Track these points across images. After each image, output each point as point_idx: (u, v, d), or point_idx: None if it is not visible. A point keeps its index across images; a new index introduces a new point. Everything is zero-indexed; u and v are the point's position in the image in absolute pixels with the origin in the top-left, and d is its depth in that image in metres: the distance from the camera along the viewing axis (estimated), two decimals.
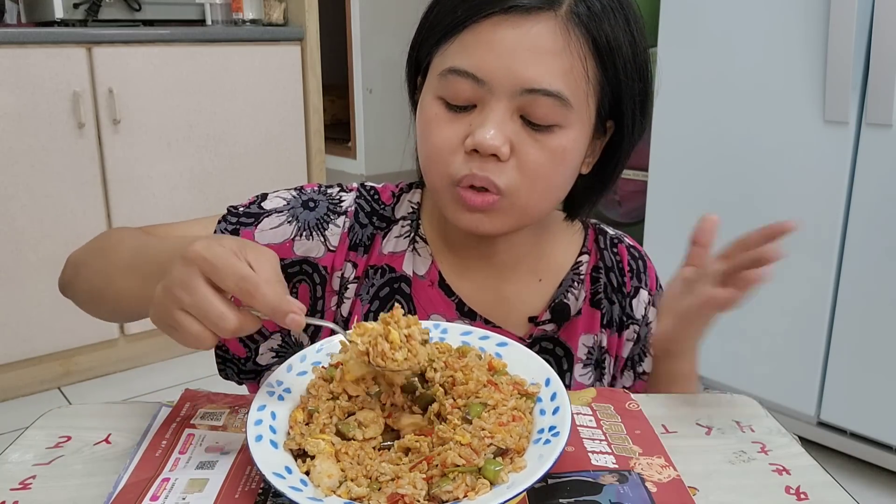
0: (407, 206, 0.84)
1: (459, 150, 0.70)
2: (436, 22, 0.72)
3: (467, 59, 0.69)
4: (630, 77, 0.72)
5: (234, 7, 2.56)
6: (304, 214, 0.80)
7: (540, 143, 0.70)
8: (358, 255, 0.81)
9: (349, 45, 4.55)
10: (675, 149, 2.07)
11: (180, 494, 0.53)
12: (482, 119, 0.69)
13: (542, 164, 0.70)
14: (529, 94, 0.68)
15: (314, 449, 0.54)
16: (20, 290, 2.19)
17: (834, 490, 0.59)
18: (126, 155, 2.30)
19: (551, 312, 0.83)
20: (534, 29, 0.67)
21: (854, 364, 1.84)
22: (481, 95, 0.69)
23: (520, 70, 0.67)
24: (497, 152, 0.68)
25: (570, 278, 0.85)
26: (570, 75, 0.68)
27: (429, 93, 0.73)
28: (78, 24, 2.28)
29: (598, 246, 0.87)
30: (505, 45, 0.67)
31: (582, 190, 0.80)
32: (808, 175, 1.83)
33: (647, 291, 0.88)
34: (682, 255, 0.75)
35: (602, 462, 0.58)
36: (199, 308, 0.54)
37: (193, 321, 0.55)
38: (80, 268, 0.77)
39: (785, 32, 1.81)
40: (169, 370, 2.45)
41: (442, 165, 0.72)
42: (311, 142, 2.69)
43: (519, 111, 0.69)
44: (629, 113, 0.74)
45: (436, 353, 0.63)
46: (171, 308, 0.55)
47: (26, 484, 0.57)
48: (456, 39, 0.70)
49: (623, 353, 0.87)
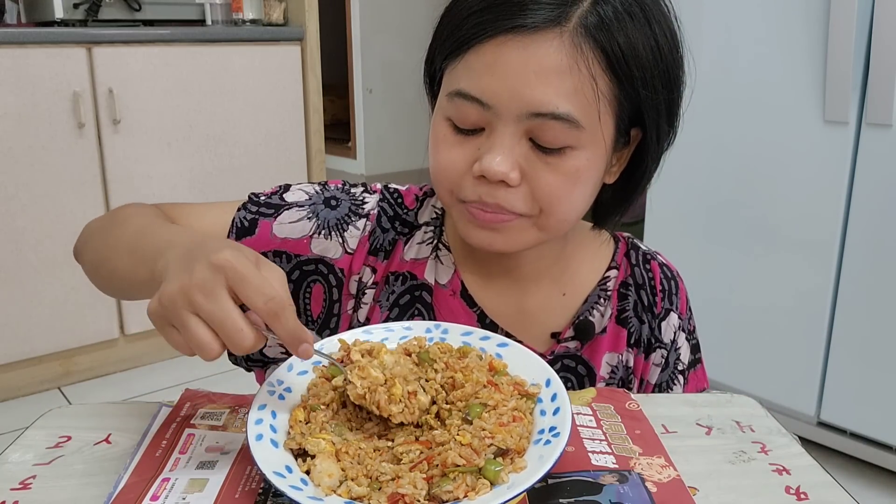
0: (430, 211, 0.82)
1: (468, 174, 0.68)
2: (444, 36, 0.70)
3: (472, 83, 0.66)
4: (651, 87, 0.67)
5: (234, 7, 2.56)
6: (324, 212, 0.79)
7: (552, 167, 0.67)
8: (378, 260, 0.79)
9: (349, 45, 4.55)
10: (675, 148, 2.06)
11: (180, 494, 0.53)
12: (490, 145, 0.67)
13: (556, 187, 0.67)
14: (537, 118, 0.65)
15: (314, 448, 0.54)
16: (20, 290, 2.19)
17: (834, 490, 0.59)
18: (126, 155, 2.30)
19: (575, 329, 0.80)
20: (540, 49, 0.64)
21: (854, 364, 1.84)
22: (488, 119, 0.67)
23: (525, 93, 0.64)
24: (506, 178, 0.66)
25: (597, 294, 0.82)
26: (580, 95, 0.65)
27: (439, 111, 0.71)
28: (78, 24, 2.28)
29: (629, 261, 0.84)
30: (510, 68, 0.64)
31: (610, 198, 0.77)
32: (808, 175, 1.83)
33: (677, 315, 0.84)
34: (682, 255, 0.75)
35: (602, 462, 0.58)
36: (217, 318, 0.52)
37: (204, 328, 0.53)
38: (89, 237, 0.77)
39: (785, 32, 1.81)
40: (169, 370, 2.45)
41: (450, 186, 0.70)
42: (311, 142, 2.69)
43: (527, 134, 0.66)
44: (652, 123, 0.70)
45: (437, 354, 0.63)
46: (183, 309, 0.53)
47: (26, 484, 0.57)
48: (462, 59, 0.67)
49: (650, 378, 0.84)
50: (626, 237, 0.87)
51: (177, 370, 2.42)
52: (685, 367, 0.85)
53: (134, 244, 0.69)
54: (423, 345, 0.65)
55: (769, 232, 1.93)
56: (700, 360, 0.88)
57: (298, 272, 0.78)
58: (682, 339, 0.85)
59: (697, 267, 2.05)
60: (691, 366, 0.86)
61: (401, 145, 4.40)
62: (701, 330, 0.88)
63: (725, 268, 2.03)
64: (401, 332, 0.69)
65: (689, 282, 0.88)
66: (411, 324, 0.70)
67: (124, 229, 0.73)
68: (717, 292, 2.05)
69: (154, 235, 0.68)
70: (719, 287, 2.04)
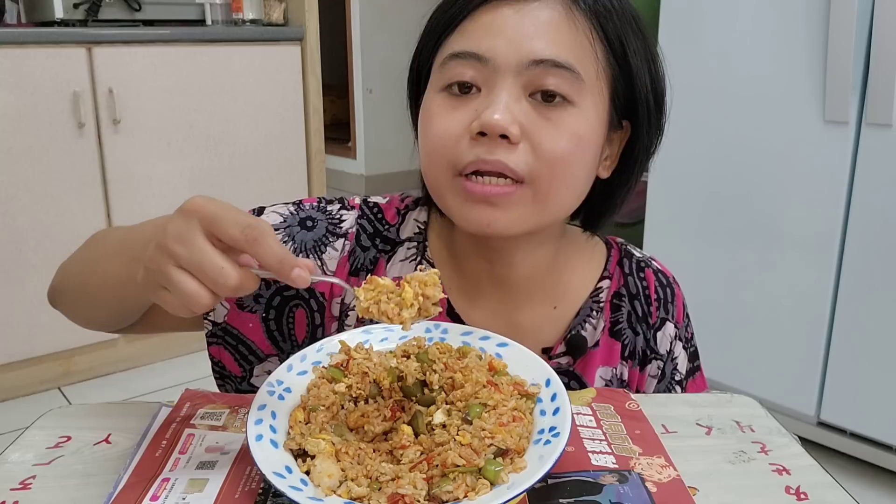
0: (413, 225, 0.79)
1: (465, 136, 0.65)
2: (435, 23, 0.70)
3: (468, 42, 0.65)
4: (642, 71, 0.69)
5: (234, 7, 2.56)
6: (300, 234, 0.76)
7: (552, 123, 0.65)
8: (360, 280, 0.75)
9: (349, 45, 4.55)
10: (675, 148, 2.06)
11: (180, 494, 0.53)
12: (489, 101, 0.65)
13: (558, 145, 0.65)
14: (537, 65, 0.64)
15: (314, 448, 0.54)
16: (20, 290, 2.19)
17: (834, 490, 0.59)
18: (126, 155, 2.30)
19: (566, 345, 0.78)
20: (535, 9, 0.65)
21: (854, 364, 1.84)
22: (486, 76, 0.65)
23: (524, 44, 0.64)
24: (506, 132, 0.63)
25: (589, 306, 0.79)
26: (578, 50, 0.65)
27: (430, 91, 0.69)
28: (78, 24, 2.28)
29: (623, 270, 0.82)
30: (507, 24, 0.64)
31: (601, 194, 0.76)
32: (808, 175, 1.83)
33: (673, 325, 0.82)
34: (681, 255, 0.75)
35: (602, 462, 0.58)
36: (196, 262, 0.51)
37: (190, 278, 0.51)
38: (67, 269, 0.75)
39: (785, 32, 1.81)
40: (169, 370, 2.45)
41: (445, 156, 0.67)
42: (311, 142, 2.69)
43: (528, 89, 0.65)
44: (643, 108, 0.70)
45: (437, 354, 0.63)
46: (166, 264, 0.51)
47: (26, 484, 0.57)
48: (456, 31, 0.67)
49: (646, 390, 0.81)
50: (620, 243, 0.85)
51: (177, 370, 2.42)
52: (682, 378, 0.83)
53: (122, 248, 0.68)
54: (423, 345, 0.65)
55: (769, 231, 1.93)
56: (699, 368, 0.86)
57: (279, 298, 0.76)
58: (678, 348, 0.83)
59: (697, 266, 2.05)
60: (690, 374, 0.85)
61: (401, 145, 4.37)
62: (700, 330, 0.87)
63: (725, 267, 2.03)
64: (400, 332, 0.68)
65: (689, 282, 0.87)
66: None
67: (109, 241, 0.72)
68: (717, 292, 2.05)
69: (143, 230, 0.67)
70: (719, 287, 2.04)
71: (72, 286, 0.74)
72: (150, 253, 0.53)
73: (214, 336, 0.77)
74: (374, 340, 0.68)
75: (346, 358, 0.64)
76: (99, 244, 0.74)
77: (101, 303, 0.72)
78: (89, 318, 0.76)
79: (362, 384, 0.62)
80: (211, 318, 0.77)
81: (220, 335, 0.77)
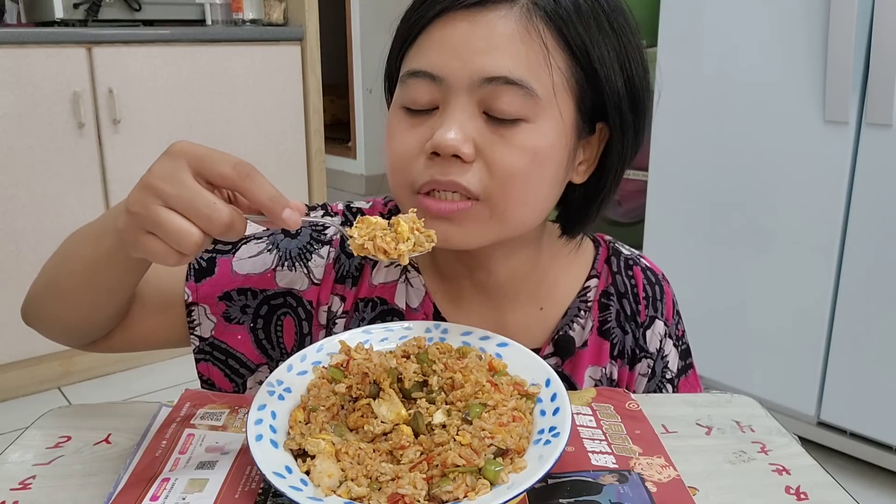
0: None
1: (420, 156, 0.65)
2: (398, 33, 0.69)
3: (423, 60, 0.65)
4: (612, 75, 0.66)
5: (234, 7, 2.56)
6: (284, 242, 0.76)
7: (506, 140, 0.64)
8: (346, 288, 0.76)
9: (349, 45, 4.55)
10: (675, 148, 2.07)
11: (180, 494, 0.53)
12: (442, 120, 0.64)
13: (512, 163, 0.64)
14: (489, 83, 0.62)
15: (314, 449, 0.54)
16: (20, 290, 2.17)
17: (834, 490, 0.59)
18: (126, 155, 2.30)
19: (554, 346, 0.77)
20: (490, 21, 0.63)
21: (854, 364, 1.84)
22: (441, 95, 0.65)
23: (476, 60, 0.62)
24: (458, 152, 0.63)
25: (577, 306, 0.78)
26: (533, 64, 0.63)
27: (394, 105, 0.69)
28: (78, 24, 2.28)
29: (611, 269, 0.81)
30: (458, 40, 0.63)
31: (579, 199, 0.74)
32: (808, 175, 1.83)
33: (662, 322, 0.81)
34: (681, 255, 0.75)
35: (602, 462, 0.58)
36: (187, 199, 0.49)
37: (178, 216, 0.50)
38: (36, 279, 0.72)
39: (785, 32, 1.81)
40: (169, 370, 2.45)
41: (403, 175, 0.67)
42: (311, 142, 2.69)
43: (481, 106, 0.64)
44: (614, 112, 0.67)
45: (437, 354, 0.63)
46: (152, 204, 0.50)
47: (26, 484, 0.57)
48: (414, 45, 0.67)
49: (637, 388, 0.81)
50: (608, 241, 0.84)
51: (177, 370, 2.42)
52: (674, 376, 0.83)
53: (91, 230, 0.65)
54: (423, 345, 0.65)
55: (769, 232, 1.93)
56: (691, 366, 0.85)
57: (267, 307, 0.76)
58: (668, 346, 0.82)
59: (697, 267, 2.05)
60: (682, 372, 0.84)
61: None
62: (700, 330, 0.87)
63: (725, 267, 2.03)
64: (400, 332, 0.68)
65: (689, 282, 0.87)
66: (411, 324, 0.70)
67: (76, 233, 0.69)
68: (716, 292, 2.04)
69: (109, 211, 0.65)
70: (719, 287, 2.04)
71: (40, 289, 0.72)
72: (134, 195, 0.51)
73: (202, 352, 0.76)
74: (374, 341, 0.68)
75: (346, 358, 0.64)
76: (65, 242, 0.71)
77: (72, 298, 0.68)
78: (60, 322, 0.72)
79: (362, 385, 0.62)
80: (198, 332, 0.76)
81: (207, 351, 0.76)
